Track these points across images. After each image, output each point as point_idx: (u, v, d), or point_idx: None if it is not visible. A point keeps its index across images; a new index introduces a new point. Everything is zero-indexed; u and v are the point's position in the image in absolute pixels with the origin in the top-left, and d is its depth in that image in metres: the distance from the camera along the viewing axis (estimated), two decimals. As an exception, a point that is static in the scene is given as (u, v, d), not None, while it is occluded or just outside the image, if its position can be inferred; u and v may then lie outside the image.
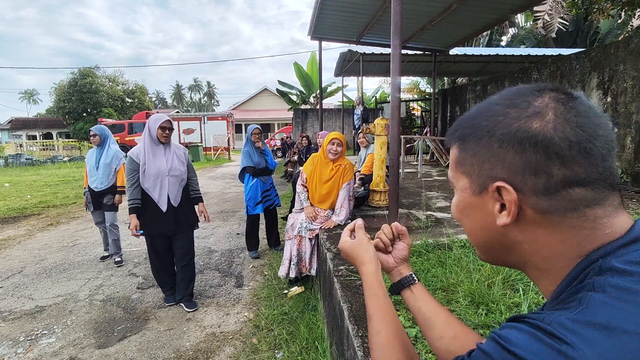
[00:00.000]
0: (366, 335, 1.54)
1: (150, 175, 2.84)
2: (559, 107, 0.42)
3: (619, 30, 12.89)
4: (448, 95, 11.20)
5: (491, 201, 0.46)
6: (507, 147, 0.43)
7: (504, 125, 0.44)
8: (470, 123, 0.48)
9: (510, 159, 0.43)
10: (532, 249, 0.46)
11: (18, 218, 6.51)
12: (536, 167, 0.42)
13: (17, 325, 2.83)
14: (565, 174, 0.41)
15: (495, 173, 0.45)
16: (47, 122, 35.34)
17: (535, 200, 0.43)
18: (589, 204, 0.42)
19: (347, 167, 3.33)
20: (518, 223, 0.45)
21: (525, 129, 0.42)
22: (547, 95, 0.44)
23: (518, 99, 0.45)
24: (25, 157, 18.01)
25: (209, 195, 8.29)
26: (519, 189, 0.43)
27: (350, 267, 2.34)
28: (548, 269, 0.46)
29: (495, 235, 0.48)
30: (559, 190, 0.42)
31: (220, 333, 2.68)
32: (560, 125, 0.41)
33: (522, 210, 0.44)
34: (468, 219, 0.51)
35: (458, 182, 0.51)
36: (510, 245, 0.47)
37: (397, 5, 2.98)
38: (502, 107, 0.45)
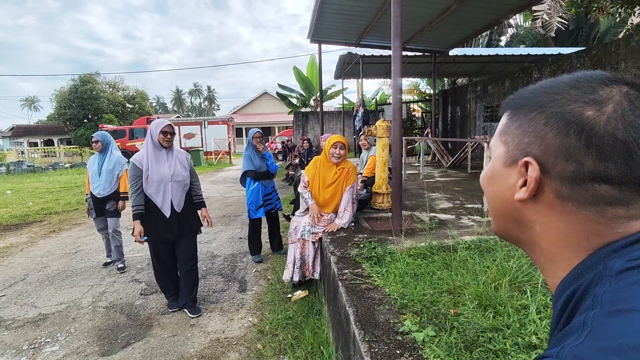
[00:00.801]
0: (373, 340, 1.52)
1: (153, 181, 2.83)
2: (623, 102, 0.41)
3: (617, 29, 12.89)
4: (449, 96, 11.20)
5: (516, 175, 0.46)
6: (552, 126, 0.42)
7: (559, 104, 0.43)
8: (529, 94, 0.47)
9: (550, 139, 0.42)
10: (542, 231, 0.46)
11: (20, 225, 6.51)
12: (571, 153, 0.41)
13: (21, 334, 2.81)
14: (597, 168, 0.40)
15: (530, 149, 0.44)
16: (48, 129, 35.45)
17: (559, 185, 0.42)
18: (611, 202, 0.41)
19: (350, 170, 3.31)
20: (535, 202, 0.45)
21: (578, 113, 0.41)
22: (618, 88, 0.42)
23: (585, 82, 0.43)
24: (26, 164, 18.05)
25: (210, 199, 8.28)
26: (547, 170, 0.43)
27: (355, 270, 2.32)
28: (553, 257, 0.46)
29: (511, 210, 0.48)
30: (585, 182, 0.41)
31: (225, 339, 2.66)
32: (614, 120, 0.40)
33: (543, 191, 0.44)
34: (492, 188, 0.52)
35: (495, 149, 0.51)
36: (523, 223, 0.48)
37: (397, 7, 2.98)
38: (565, 86, 0.44)
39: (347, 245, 2.83)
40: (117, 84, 31.40)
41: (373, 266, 2.37)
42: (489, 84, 8.60)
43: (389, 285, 2.05)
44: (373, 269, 2.32)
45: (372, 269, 2.33)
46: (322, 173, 3.31)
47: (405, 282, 2.07)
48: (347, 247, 2.78)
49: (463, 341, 1.45)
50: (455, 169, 8.16)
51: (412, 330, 1.55)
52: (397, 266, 2.29)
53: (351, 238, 2.99)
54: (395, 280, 2.09)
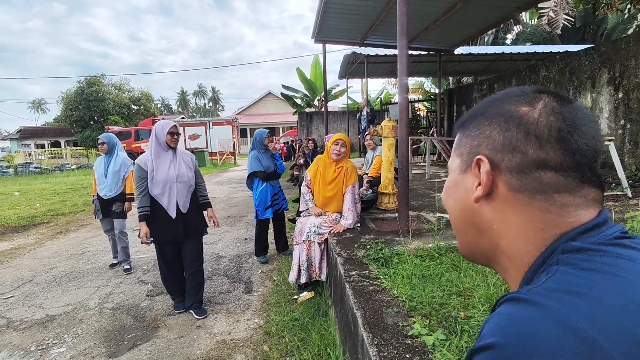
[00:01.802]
0: (382, 344, 1.50)
1: (158, 182, 2.83)
2: (551, 101, 0.46)
3: (626, 25, 12.70)
4: (454, 95, 11.12)
5: (472, 178, 0.49)
6: (495, 124, 0.48)
7: (498, 106, 0.49)
8: (473, 110, 0.53)
9: (495, 136, 0.47)
10: (500, 228, 0.48)
11: (28, 227, 6.56)
12: (515, 145, 0.45)
13: (29, 335, 2.82)
14: (539, 156, 0.44)
15: (480, 149, 0.48)
16: (55, 131, 35.81)
17: (509, 177, 0.46)
18: (558, 189, 0.44)
19: (350, 170, 3.30)
20: (491, 200, 0.48)
21: (514, 110, 0.47)
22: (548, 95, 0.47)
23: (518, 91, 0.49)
24: (34, 166, 18.24)
25: (215, 200, 8.29)
26: (496, 165, 0.47)
27: (362, 272, 2.29)
28: (514, 255, 0.47)
29: (468, 214, 0.51)
30: (532, 170, 0.44)
31: (231, 340, 2.65)
32: (546, 113, 0.45)
33: (496, 187, 0.47)
34: (451, 198, 0.54)
35: (452, 164, 0.54)
36: (482, 226, 0.50)
37: (403, 5, 2.94)
38: (502, 95, 0.50)
39: (354, 246, 2.80)
40: (122, 85, 31.65)
41: (380, 267, 2.35)
42: (496, 83, 8.51)
43: (397, 287, 2.02)
44: (380, 271, 2.29)
45: (379, 270, 2.30)
46: (323, 170, 3.32)
47: (413, 284, 2.04)
48: (354, 248, 2.76)
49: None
50: (461, 168, 8.07)
51: (422, 333, 1.52)
52: (404, 267, 2.26)
53: (358, 239, 2.96)
54: (403, 282, 2.06)
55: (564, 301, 0.36)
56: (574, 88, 6.04)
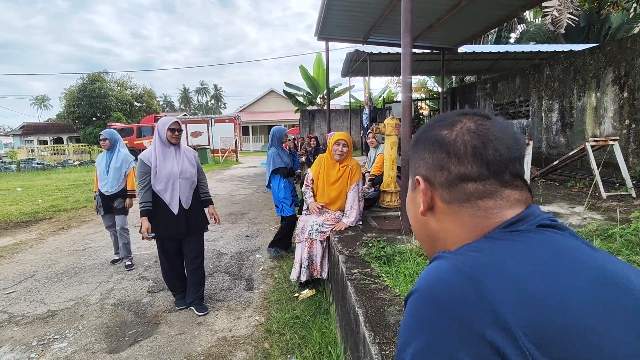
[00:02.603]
0: (384, 343, 1.49)
1: (162, 177, 2.82)
2: (468, 122, 0.54)
3: (631, 25, 12.61)
4: (457, 94, 11.07)
5: (419, 195, 0.58)
6: (425, 148, 0.57)
7: (427, 132, 0.58)
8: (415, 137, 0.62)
9: (427, 158, 0.56)
10: (445, 236, 0.56)
11: (30, 222, 6.58)
12: (441, 164, 0.54)
13: (30, 330, 2.83)
14: (460, 171, 0.52)
15: (419, 170, 0.58)
16: (58, 127, 35.90)
17: (441, 192, 0.54)
18: (480, 196, 0.52)
19: (355, 168, 3.27)
20: (433, 213, 0.56)
21: (437, 134, 0.56)
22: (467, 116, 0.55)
23: (445, 116, 0.58)
24: (36, 162, 18.28)
25: (217, 197, 8.29)
26: (431, 182, 0.55)
27: (363, 270, 2.28)
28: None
29: (423, 226, 0.59)
30: (456, 183, 0.53)
31: (232, 337, 2.65)
32: (462, 134, 0.53)
33: (434, 202, 0.56)
34: (409, 213, 0.63)
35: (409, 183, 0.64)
36: (433, 235, 0.58)
37: (407, 2, 2.92)
38: (434, 121, 0.59)
39: (356, 244, 2.79)
40: (125, 82, 31.69)
41: (382, 266, 2.33)
42: (499, 82, 8.46)
43: (399, 285, 2.01)
44: (382, 269, 2.28)
45: (381, 268, 2.29)
46: (327, 170, 3.29)
47: (415, 282, 2.02)
48: (356, 246, 2.75)
49: (477, 344, 1.40)
50: (464, 167, 8.04)
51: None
52: (407, 266, 2.25)
53: (359, 237, 2.95)
54: (406, 281, 2.05)
55: (466, 255, 0.47)
56: (579, 87, 6.00)
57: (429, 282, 0.46)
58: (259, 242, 4.89)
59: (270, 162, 4.04)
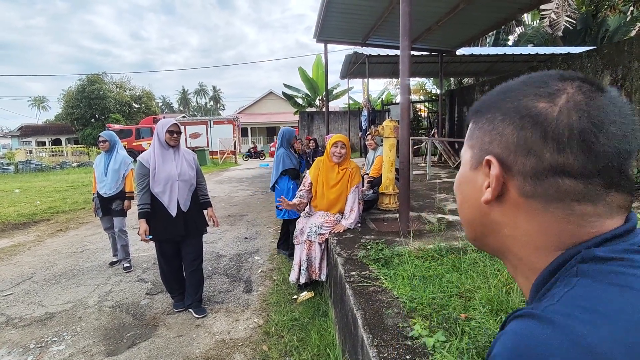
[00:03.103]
0: (382, 345, 1.49)
1: (160, 179, 2.82)
2: (576, 95, 0.40)
3: (627, 27, 12.68)
4: (455, 96, 11.11)
5: (482, 177, 0.46)
6: (508, 121, 0.43)
7: (513, 99, 0.43)
8: (488, 98, 0.48)
9: (508, 135, 0.42)
10: (511, 234, 0.45)
11: (28, 224, 6.56)
12: (529, 147, 0.41)
13: (28, 332, 2.82)
14: (556, 161, 0.39)
15: (492, 147, 0.44)
16: (56, 129, 35.84)
17: (521, 182, 0.42)
18: (577, 198, 0.40)
19: (354, 170, 3.28)
20: (501, 203, 0.44)
21: (530, 106, 0.41)
22: (570, 82, 0.42)
23: (539, 79, 0.43)
24: (34, 163, 18.24)
25: (216, 199, 8.29)
26: (508, 167, 0.42)
27: (362, 272, 2.29)
28: (524, 260, 0.44)
29: (479, 214, 0.47)
30: (547, 176, 0.40)
31: (230, 340, 2.64)
32: (567, 111, 0.39)
33: (507, 191, 0.43)
34: (461, 194, 0.51)
35: (464, 155, 0.50)
36: (492, 227, 0.47)
37: (405, 6, 2.93)
38: (519, 84, 0.45)
39: (354, 246, 2.79)
40: (124, 84, 31.68)
41: (381, 268, 2.34)
42: (497, 84, 8.49)
43: (397, 288, 2.01)
44: (381, 271, 2.28)
45: (379, 271, 2.30)
46: (326, 173, 3.28)
47: (413, 284, 2.03)
48: (354, 248, 2.75)
49: (475, 347, 1.41)
50: (462, 169, 8.07)
51: (422, 335, 1.52)
52: (405, 268, 2.25)
53: (358, 239, 2.95)
54: (404, 283, 2.05)
55: (583, 320, 0.33)
56: (576, 90, 6.03)
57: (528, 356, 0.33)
58: (257, 244, 4.89)
59: (279, 163, 3.98)
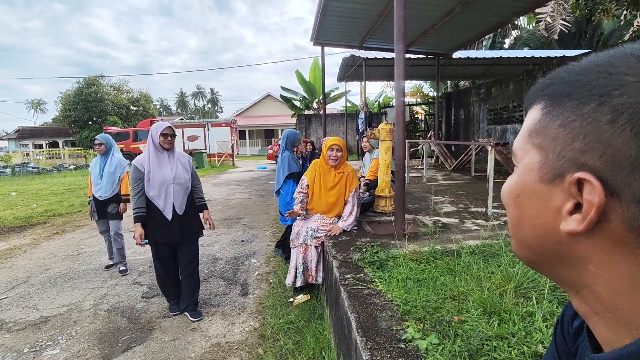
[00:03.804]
0: (375, 348, 1.50)
1: (155, 183, 2.83)
2: None
3: (622, 31, 12.80)
4: (452, 99, 11.16)
5: (562, 195, 0.32)
6: (624, 125, 0.28)
7: (633, 90, 0.28)
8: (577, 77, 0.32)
9: (620, 145, 0.28)
10: (601, 274, 0.32)
11: (24, 227, 6.53)
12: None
13: (22, 337, 2.81)
14: None
15: (586, 159, 0.30)
16: (54, 131, 35.71)
17: (635, 213, 0.29)
18: None
19: (352, 174, 3.30)
20: (593, 235, 0.32)
21: None
22: None
23: None
24: (31, 166, 18.17)
25: (213, 202, 8.28)
26: (616, 190, 0.29)
27: (357, 275, 2.29)
28: (616, 310, 0.32)
29: (552, 241, 0.34)
30: None
31: (226, 343, 2.64)
32: None
33: (608, 221, 0.30)
34: (520, 209, 0.37)
35: (525, 156, 0.36)
36: (568, 260, 0.34)
37: (400, 10, 2.96)
38: (636, 61, 0.29)
39: (350, 249, 2.80)
40: (121, 86, 31.64)
41: (375, 271, 2.35)
42: (493, 87, 8.56)
43: (392, 290, 2.02)
44: (375, 274, 2.29)
45: (374, 273, 2.30)
46: (323, 176, 3.30)
47: (408, 287, 2.04)
48: (350, 251, 2.76)
49: (467, 350, 1.42)
50: (459, 172, 8.11)
51: (415, 337, 1.52)
52: (399, 271, 2.26)
53: (353, 242, 2.96)
54: (398, 286, 2.06)
55: None
56: (571, 93, 6.07)
57: None
58: (254, 246, 4.89)
59: (285, 166, 3.91)
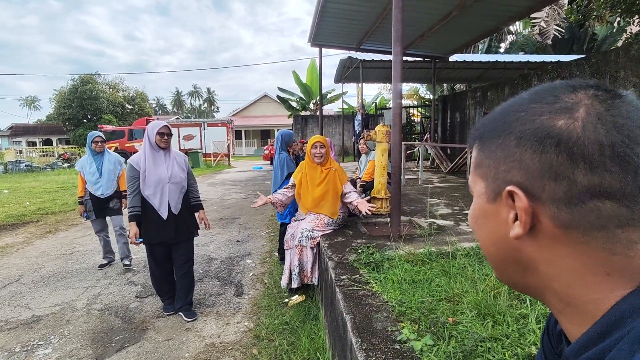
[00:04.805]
0: (371, 349, 1.50)
1: (151, 182, 2.81)
2: (594, 104, 0.36)
3: (614, 37, 12.97)
4: (448, 102, 11.23)
5: (505, 209, 0.40)
6: (526, 146, 0.37)
7: (525, 121, 0.38)
8: (492, 120, 0.43)
9: (528, 161, 0.37)
10: (551, 271, 0.39)
11: (16, 225, 6.46)
12: (557, 172, 0.36)
13: (13, 336, 2.77)
14: (592, 182, 0.34)
15: (510, 176, 0.39)
16: (47, 129, 35.39)
17: (555, 211, 0.36)
18: (621, 223, 0.35)
19: (339, 170, 3.39)
20: (534, 237, 0.38)
21: (548, 125, 0.36)
22: (583, 92, 0.37)
23: (547, 93, 0.39)
24: (24, 164, 17.99)
25: (208, 202, 8.25)
26: (536, 195, 0.37)
27: (352, 276, 2.30)
28: (572, 302, 0.38)
29: (509, 250, 0.41)
30: (584, 201, 0.35)
31: (220, 343, 2.63)
32: (592, 125, 0.35)
33: (539, 222, 0.38)
34: (482, 230, 0.45)
35: (475, 186, 0.45)
36: (526, 264, 0.41)
37: (398, 13, 2.98)
38: (526, 102, 0.40)
39: (345, 250, 2.81)
40: (117, 84, 31.44)
41: (371, 272, 2.35)
42: (489, 90, 8.63)
43: (387, 292, 2.03)
44: (371, 275, 2.30)
45: (370, 275, 2.31)
46: (309, 173, 3.36)
47: (403, 289, 2.05)
48: (345, 252, 2.76)
49: (462, 351, 1.43)
50: (455, 174, 8.16)
51: (410, 338, 1.53)
52: (395, 272, 2.27)
53: (349, 243, 2.97)
54: (394, 287, 2.07)
55: None
56: (565, 97, 6.15)
57: None
58: (249, 247, 4.88)
59: (284, 166, 3.93)
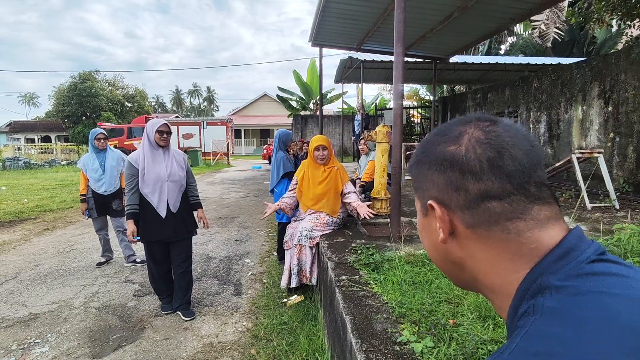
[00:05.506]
0: (371, 350, 1.49)
1: (149, 180, 2.80)
2: (475, 132, 0.47)
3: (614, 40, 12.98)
4: (448, 103, 11.23)
5: (433, 220, 0.50)
6: (433, 168, 0.49)
7: (431, 150, 0.51)
8: (417, 153, 0.55)
9: (437, 179, 0.49)
10: (473, 265, 0.49)
11: (14, 222, 6.43)
12: (455, 184, 0.47)
13: (10, 334, 2.76)
14: (480, 189, 0.45)
15: (429, 193, 0.50)
16: (46, 126, 35.27)
17: (462, 215, 0.47)
18: (508, 217, 0.45)
19: (341, 169, 3.40)
20: (456, 239, 0.49)
21: (444, 151, 0.49)
22: (470, 124, 0.49)
23: (446, 128, 0.51)
24: (23, 160, 17.93)
25: (207, 200, 8.23)
26: (447, 205, 0.48)
27: (352, 277, 2.29)
28: (494, 288, 0.48)
29: (443, 253, 0.52)
30: (479, 204, 0.45)
31: (218, 343, 2.62)
32: (472, 146, 0.46)
33: (455, 227, 0.48)
34: (424, 240, 0.56)
35: (416, 205, 0.56)
36: (459, 263, 0.51)
37: (400, 13, 2.97)
38: (433, 136, 0.52)
39: (345, 250, 2.80)
40: (116, 82, 31.40)
41: (371, 273, 2.34)
42: (489, 92, 8.62)
43: (387, 293, 2.02)
44: (371, 276, 2.29)
45: (369, 275, 2.30)
46: (311, 172, 3.37)
47: (403, 290, 2.04)
48: (345, 252, 2.75)
49: (462, 353, 1.42)
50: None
51: (411, 340, 1.52)
52: (395, 273, 2.26)
53: (349, 244, 2.96)
54: (393, 288, 2.06)
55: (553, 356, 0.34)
56: (566, 100, 6.14)
57: None
58: (248, 246, 4.86)
59: (280, 166, 3.94)
